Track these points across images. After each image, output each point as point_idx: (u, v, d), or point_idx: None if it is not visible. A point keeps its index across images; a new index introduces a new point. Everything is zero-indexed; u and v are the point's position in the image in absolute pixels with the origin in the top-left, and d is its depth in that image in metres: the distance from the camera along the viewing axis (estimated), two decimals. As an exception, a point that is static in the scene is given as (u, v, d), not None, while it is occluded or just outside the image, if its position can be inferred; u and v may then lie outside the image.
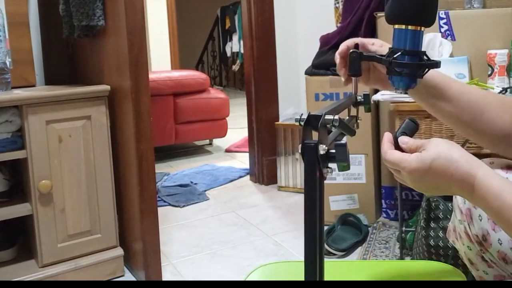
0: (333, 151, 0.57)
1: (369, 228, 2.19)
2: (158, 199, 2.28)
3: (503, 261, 0.86)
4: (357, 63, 0.81)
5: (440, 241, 1.61)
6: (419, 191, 0.75)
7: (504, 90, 1.72)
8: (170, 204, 2.72)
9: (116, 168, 1.86)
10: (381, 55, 0.80)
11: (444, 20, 2.01)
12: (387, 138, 0.75)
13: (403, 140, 0.73)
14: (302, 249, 0.57)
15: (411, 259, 1.84)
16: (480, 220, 0.88)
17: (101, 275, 1.82)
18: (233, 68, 7.47)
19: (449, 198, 1.68)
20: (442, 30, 2.01)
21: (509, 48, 1.85)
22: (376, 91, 2.02)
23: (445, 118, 0.93)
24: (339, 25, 2.48)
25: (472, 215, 0.90)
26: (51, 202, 1.72)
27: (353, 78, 0.87)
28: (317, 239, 0.57)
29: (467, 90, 0.91)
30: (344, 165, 0.58)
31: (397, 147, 0.74)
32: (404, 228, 1.98)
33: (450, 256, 1.55)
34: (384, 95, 1.84)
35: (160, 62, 5.70)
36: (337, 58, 0.89)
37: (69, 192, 1.75)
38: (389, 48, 0.78)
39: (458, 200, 0.95)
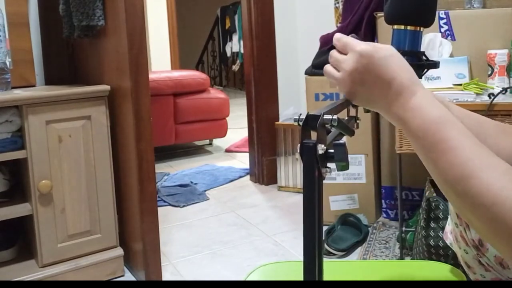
0: (332, 150, 0.57)
1: (369, 228, 2.19)
2: (158, 199, 2.28)
3: (500, 265, 0.85)
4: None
5: (440, 241, 1.60)
6: (346, 92, 0.70)
7: (504, 90, 1.72)
8: (170, 204, 2.72)
9: (116, 168, 1.86)
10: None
11: (444, 20, 2.01)
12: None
13: (336, 38, 0.70)
14: (302, 249, 0.57)
15: (411, 259, 1.84)
16: None
17: (101, 275, 1.82)
18: (233, 68, 7.47)
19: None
20: (442, 30, 2.01)
21: (509, 48, 1.85)
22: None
23: None
24: (339, 25, 2.48)
25: None
26: (51, 202, 1.72)
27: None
28: (316, 239, 0.56)
29: (463, 113, 0.82)
30: (343, 165, 0.58)
31: None
32: (404, 228, 1.98)
33: (450, 256, 1.55)
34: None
35: (160, 62, 5.70)
36: None
37: (69, 192, 1.75)
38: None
39: None
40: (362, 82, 0.68)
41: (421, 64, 0.76)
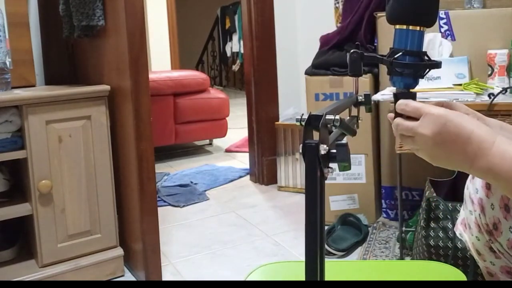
0: (334, 151, 0.57)
1: (369, 228, 2.19)
2: (158, 199, 2.28)
3: None
4: (358, 63, 0.81)
5: (440, 241, 1.60)
6: (428, 155, 0.72)
7: (504, 90, 1.72)
8: (170, 204, 2.72)
9: (116, 168, 1.85)
10: (382, 55, 0.80)
11: (444, 20, 2.01)
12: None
13: (402, 103, 0.75)
14: (302, 249, 0.57)
15: (411, 259, 1.84)
16: (492, 209, 0.88)
17: (101, 275, 1.82)
18: (233, 68, 7.47)
19: (448, 198, 1.68)
20: (442, 30, 2.01)
21: (509, 48, 1.85)
22: (376, 91, 2.02)
23: None
24: (339, 25, 2.48)
25: (484, 204, 0.90)
26: (51, 202, 1.72)
27: (354, 78, 0.87)
28: (318, 239, 0.57)
29: None
30: (345, 165, 0.58)
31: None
32: (404, 228, 1.98)
33: (450, 256, 1.55)
34: (384, 95, 1.84)
35: (160, 62, 5.70)
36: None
37: (69, 192, 1.75)
38: (390, 48, 0.79)
39: (470, 191, 0.95)
40: (444, 142, 0.70)
41: (423, 64, 0.76)
